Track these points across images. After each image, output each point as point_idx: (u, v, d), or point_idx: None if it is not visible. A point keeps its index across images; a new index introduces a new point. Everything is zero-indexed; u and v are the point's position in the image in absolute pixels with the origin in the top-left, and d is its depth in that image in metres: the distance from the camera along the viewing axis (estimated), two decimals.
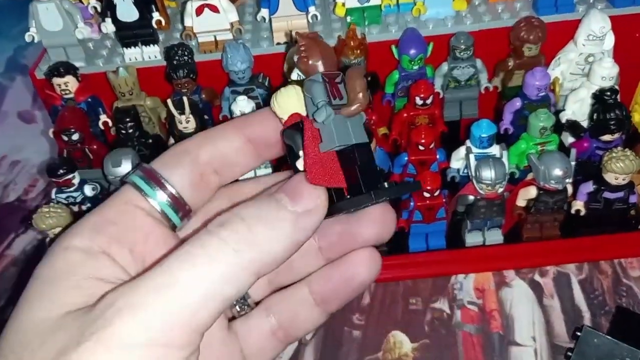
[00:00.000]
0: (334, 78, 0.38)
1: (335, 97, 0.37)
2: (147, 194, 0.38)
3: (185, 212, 0.40)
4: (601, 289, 0.78)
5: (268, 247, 0.34)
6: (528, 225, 0.80)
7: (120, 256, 0.36)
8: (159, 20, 0.81)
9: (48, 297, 0.34)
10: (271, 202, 0.35)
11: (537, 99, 0.78)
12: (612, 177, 0.74)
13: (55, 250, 0.36)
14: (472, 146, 0.77)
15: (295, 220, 0.35)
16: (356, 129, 0.37)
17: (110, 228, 0.37)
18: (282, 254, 0.34)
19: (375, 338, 0.76)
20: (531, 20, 0.78)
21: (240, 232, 0.33)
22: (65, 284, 0.34)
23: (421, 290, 0.80)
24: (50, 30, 0.80)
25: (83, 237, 0.36)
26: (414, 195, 0.78)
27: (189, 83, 0.80)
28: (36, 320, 0.33)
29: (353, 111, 0.37)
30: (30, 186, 1.03)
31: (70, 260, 0.35)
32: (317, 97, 0.37)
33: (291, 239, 0.34)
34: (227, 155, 0.41)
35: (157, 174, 0.39)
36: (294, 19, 0.80)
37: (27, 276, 0.35)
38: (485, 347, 0.74)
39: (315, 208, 0.36)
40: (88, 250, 0.35)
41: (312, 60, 0.38)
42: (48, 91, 0.81)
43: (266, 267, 0.34)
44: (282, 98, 0.39)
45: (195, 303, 0.31)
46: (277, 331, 0.43)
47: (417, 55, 0.78)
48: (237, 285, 0.33)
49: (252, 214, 0.34)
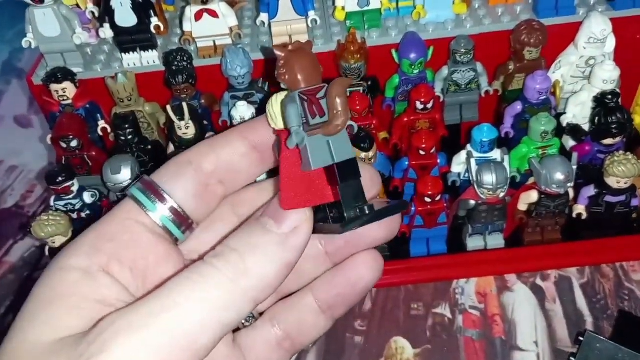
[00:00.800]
0: (315, 94, 0.35)
1: (315, 115, 0.35)
2: (147, 208, 0.38)
3: (188, 226, 0.39)
4: (603, 293, 0.78)
5: (261, 273, 0.34)
6: (529, 229, 0.80)
7: (121, 275, 0.36)
8: (157, 25, 0.80)
9: (43, 320, 0.33)
10: (258, 228, 0.35)
11: (538, 102, 0.78)
12: (614, 181, 0.74)
13: (53, 270, 0.35)
14: (473, 150, 0.77)
15: (283, 242, 0.35)
16: (339, 145, 0.36)
17: (109, 245, 0.36)
18: (276, 278, 0.34)
19: (377, 344, 0.76)
20: (532, 24, 0.78)
21: (233, 262, 0.34)
22: (63, 305, 0.33)
23: (423, 295, 0.80)
24: (48, 36, 0.79)
25: (81, 256, 0.35)
26: (415, 200, 0.77)
27: (188, 88, 0.80)
28: (29, 344, 0.32)
29: (332, 130, 0.35)
30: (28, 192, 1.03)
31: (68, 280, 0.34)
32: (289, 122, 0.35)
33: (282, 262, 0.34)
34: (233, 164, 0.41)
35: (157, 187, 0.38)
36: (293, 24, 0.80)
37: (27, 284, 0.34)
38: (487, 353, 0.73)
39: (301, 226, 0.35)
40: (87, 270, 0.35)
41: (289, 76, 0.35)
42: (45, 97, 0.81)
43: (262, 293, 0.34)
44: (272, 107, 0.37)
45: (194, 327, 0.31)
46: (283, 341, 0.43)
47: (417, 59, 0.78)
48: (236, 311, 0.33)
49: (241, 243, 0.35)
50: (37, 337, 0.32)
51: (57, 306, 0.33)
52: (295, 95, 0.35)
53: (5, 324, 0.81)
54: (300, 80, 0.35)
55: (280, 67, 0.36)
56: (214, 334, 0.32)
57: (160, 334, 0.31)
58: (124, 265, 0.36)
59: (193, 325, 0.31)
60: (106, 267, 0.35)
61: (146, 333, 0.31)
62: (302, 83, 0.35)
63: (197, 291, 0.32)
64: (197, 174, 0.40)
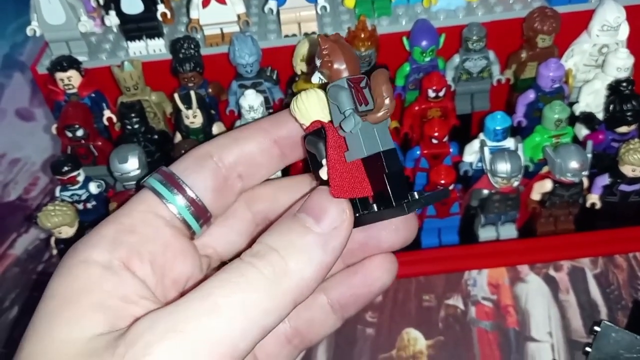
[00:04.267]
0: (359, 82, 0.36)
1: (361, 103, 0.35)
2: (166, 199, 0.37)
3: (206, 219, 0.39)
4: (617, 283, 0.77)
5: (302, 275, 0.33)
6: (542, 219, 0.79)
7: (141, 270, 0.35)
8: (164, 12, 0.79)
9: (70, 318, 0.32)
10: (297, 226, 0.34)
11: (552, 90, 0.77)
12: (629, 169, 0.73)
13: (74, 264, 0.34)
14: (486, 139, 0.75)
15: (324, 243, 0.34)
16: (382, 135, 0.36)
17: (130, 239, 0.35)
18: (316, 280, 0.34)
19: (389, 335, 0.74)
20: (544, 11, 0.77)
21: (274, 262, 0.32)
22: (87, 303, 0.32)
23: (435, 286, 0.79)
24: (53, 23, 0.78)
25: (102, 250, 0.34)
26: (427, 190, 0.76)
27: (195, 77, 0.78)
28: (60, 343, 0.31)
29: (380, 118, 0.36)
30: (31, 185, 1.01)
31: (90, 276, 0.33)
32: (344, 104, 0.35)
33: (322, 264, 0.34)
34: (254, 159, 0.40)
35: (177, 178, 0.38)
36: (302, 11, 0.78)
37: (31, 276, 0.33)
38: (501, 344, 0.72)
39: (341, 225, 0.34)
40: (108, 265, 0.34)
41: (336, 65, 0.36)
42: (51, 86, 0.79)
43: (302, 294, 0.33)
44: (303, 103, 0.38)
45: (235, 333, 0.30)
46: (293, 338, 0.43)
47: (429, 46, 0.77)
48: (277, 315, 0.32)
49: (281, 241, 0.34)
50: (68, 334, 0.31)
51: (82, 303, 0.32)
52: (344, 82, 0.35)
53: (10, 316, 0.79)
54: (345, 69, 0.36)
55: (325, 55, 0.36)
56: (254, 339, 0.31)
57: (201, 340, 0.29)
58: (144, 260, 0.35)
59: (234, 331, 0.30)
60: (127, 262, 0.34)
61: (187, 338, 0.29)
62: (346, 72, 0.36)
63: (238, 293, 0.31)
64: (217, 167, 0.39)
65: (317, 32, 0.79)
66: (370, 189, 0.37)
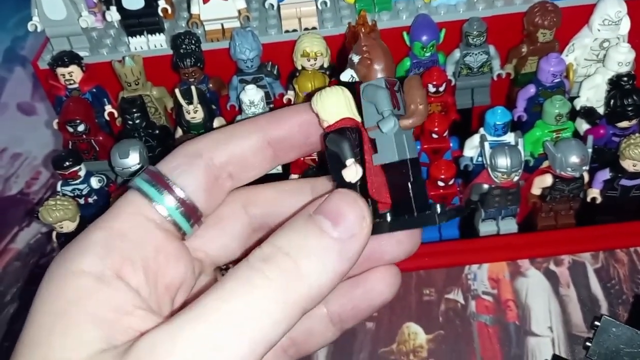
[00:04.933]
0: (393, 85, 0.35)
1: (394, 106, 0.34)
2: (154, 200, 0.35)
3: (197, 219, 0.37)
4: (617, 278, 0.77)
5: (315, 282, 0.31)
6: (543, 214, 0.79)
7: (134, 278, 0.33)
8: (164, 8, 0.79)
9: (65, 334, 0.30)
10: (313, 228, 0.32)
11: (552, 85, 0.77)
12: (630, 164, 0.73)
13: (63, 275, 0.32)
14: (486, 134, 0.75)
15: (340, 249, 0.32)
16: (410, 142, 0.35)
17: (121, 245, 0.34)
18: (328, 288, 0.32)
19: (390, 329, 0.75)
20: (545, 5, 0.77)
21: (286, 269, 0.30)
22: (80, 316, 0.31)
23: (435, 280, 0.79)
24: (54, 19, 0.78)
25: (93, 258, 0.33)
26: (427, 185, 0.76)
27: (196, 72, 0.78)
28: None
29: (412, 124, 0.35)
30: (32, 179, 1.01)
31: (81, 286, 0.32)
32: (383, 104, 0.34)
33: (337, 272, 0.32)
34: (245, 158, 0.39)
35: (164, 177, 0.36)
36: (303, 6, 0.78)
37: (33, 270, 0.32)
38: (501, 338, 0.73)
39: (360, 232, 0.32)
40: (100, 275, 0.32)
41: (375, 64, 0.35)
42: (52, 81, 0.79)
43: (312, 303, 0.31)
44: (328, 100, 0.36)
45: (243, 349, 0.29)
46: (289, 348, 0.41)
47: (429, 41, 0.76)
48: (286, 324, 0.30)
49: (294, 245, 0.31)
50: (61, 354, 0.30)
51: (74, 317, 0.31)
52: (382, 82, 0.34)
53: (12, 310, 0.80)
54: (382, 69, 0.35)
55: (365, 52, 0.35)
56: (262, 353, 0.30)
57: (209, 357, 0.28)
58: (137, 267, 0.34)
59: (242, 346, 0.29)
60: (119, 271, 0.33)
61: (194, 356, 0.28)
62: (382, 73, 0.35)
63: (247, 307, 0.29)
64: (208, 166, 0.38)
65: (318, 27, 0.79)
66: (388, 196, 0.36)
